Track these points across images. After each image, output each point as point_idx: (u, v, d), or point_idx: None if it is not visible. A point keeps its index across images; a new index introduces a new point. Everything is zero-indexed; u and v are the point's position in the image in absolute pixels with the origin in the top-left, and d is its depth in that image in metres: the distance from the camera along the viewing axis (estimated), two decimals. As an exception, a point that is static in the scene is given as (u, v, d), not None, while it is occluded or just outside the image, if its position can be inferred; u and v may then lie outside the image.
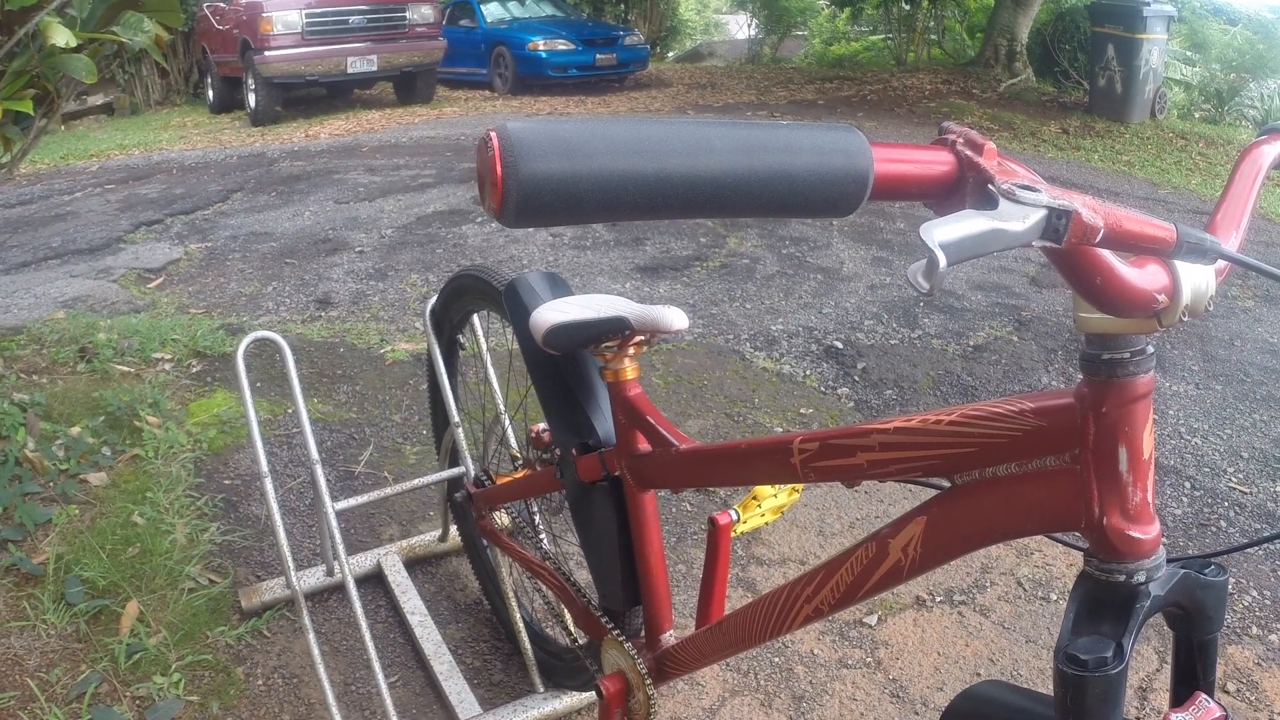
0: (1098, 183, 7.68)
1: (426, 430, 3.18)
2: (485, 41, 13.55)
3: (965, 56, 15.10)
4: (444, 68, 12.69)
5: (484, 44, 13.55)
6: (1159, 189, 7.71)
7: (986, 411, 0.94)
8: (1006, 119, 10.34)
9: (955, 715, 1.08)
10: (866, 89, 12.68)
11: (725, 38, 24.83)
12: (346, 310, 4.55)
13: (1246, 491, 3.20)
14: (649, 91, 13.21)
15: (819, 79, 13.90)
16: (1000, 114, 10.61)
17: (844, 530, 2.88)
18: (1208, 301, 0.84)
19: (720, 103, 11.85)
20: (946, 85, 12.56)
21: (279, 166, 8.00)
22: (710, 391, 3.75)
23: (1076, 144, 9.33)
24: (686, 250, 5.52)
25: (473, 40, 13.65)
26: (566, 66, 12.96)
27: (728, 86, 13.40)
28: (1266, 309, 4.96)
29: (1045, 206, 0.69)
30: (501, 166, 0.62)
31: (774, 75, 14.93)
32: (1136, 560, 0.86)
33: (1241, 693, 2.35)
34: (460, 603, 2.56)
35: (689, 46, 22.29)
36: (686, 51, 21.65)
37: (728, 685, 2.29)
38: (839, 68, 16.09)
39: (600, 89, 13.32)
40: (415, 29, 11.67)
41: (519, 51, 12.98)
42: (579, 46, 13.09)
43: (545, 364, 1.71)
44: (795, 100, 11.90)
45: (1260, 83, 12.06)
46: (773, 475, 1.25)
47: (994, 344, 4.31)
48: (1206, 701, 0.92)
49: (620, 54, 13.58)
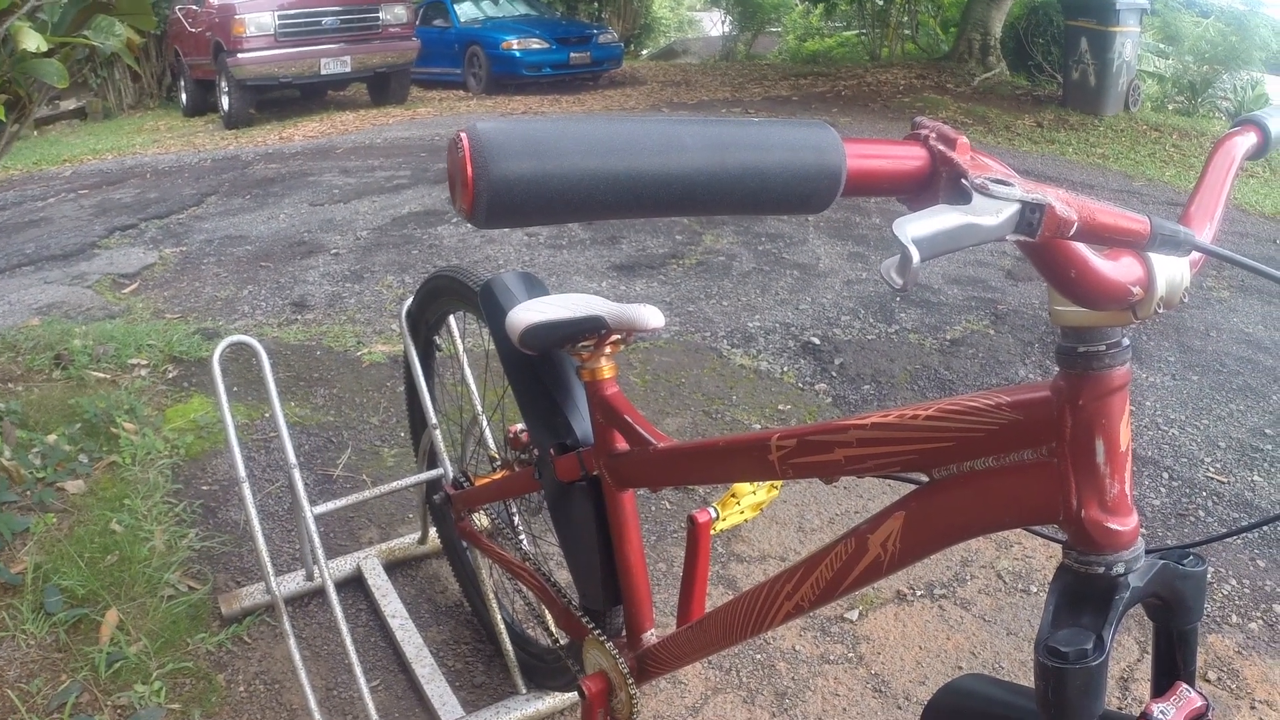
0: (1072, 176, 7.72)
1: (404, 432, 3.17)
2: (459, 41, 13.50)
3: (939, 51, 15.15)
4: (418, 68, 12.65)
5: (458, 44, 13.51)
6: (1133, 181, 7.75)
7: (963, 406, 0.94)
8: (981, 113, 10.38)
9: (937, 710, 1.08)
10: (841, 85, 12.71)
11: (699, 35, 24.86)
12: (323, 313, 4.53)
13: (1224, 481, 3.22)
14: (623, 90, 13.20)
15: (793, 75, 13.91)
16: (974, 108, 10.64)
17: (823, 526, 2.89)
18: (1183, 293, 0.84)
19: (694, 100, 11.85)
20: (920, 80, 12.59)
21: (253, 169, 7.96)
22: (688, 389, 3.75)
23: (1051, 137, 9.36)
24: (663, 248, 5.52)
25: (446, 40, 13.61)
26: (541, 65, 12.93)
27: (702, 84, 13.40)
28: (1241, 299, 4.99)
29: (1019, 200, 0.69)
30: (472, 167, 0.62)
31: (748, 72, 14.94)
32: (1115, 552, 0.86)
33: (1223, 681, 2.36)
34: (441, 605, 2.56)
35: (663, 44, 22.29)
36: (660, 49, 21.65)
37: (710, 683, 2.29)
38: (813, 64, 16.13)
39: (575, 88, 13.30)
40: (389, 29, 11.62)
41: (493, 51, 12.95)
42: (553, 45, 13.06)
43: (522, 364, 1.71)
44: (769, 97, 11.92)
45: (1233, 74, 12.13)
46: (751, 473, 1.25)
47: (970, 338, 4.32)
48: (1188, 691, 0.92)
49: (594, 52, 13.56)
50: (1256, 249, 6.07)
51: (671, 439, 1.42)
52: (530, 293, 1.75)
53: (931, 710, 1.08)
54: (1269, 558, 2.83)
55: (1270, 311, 4.83)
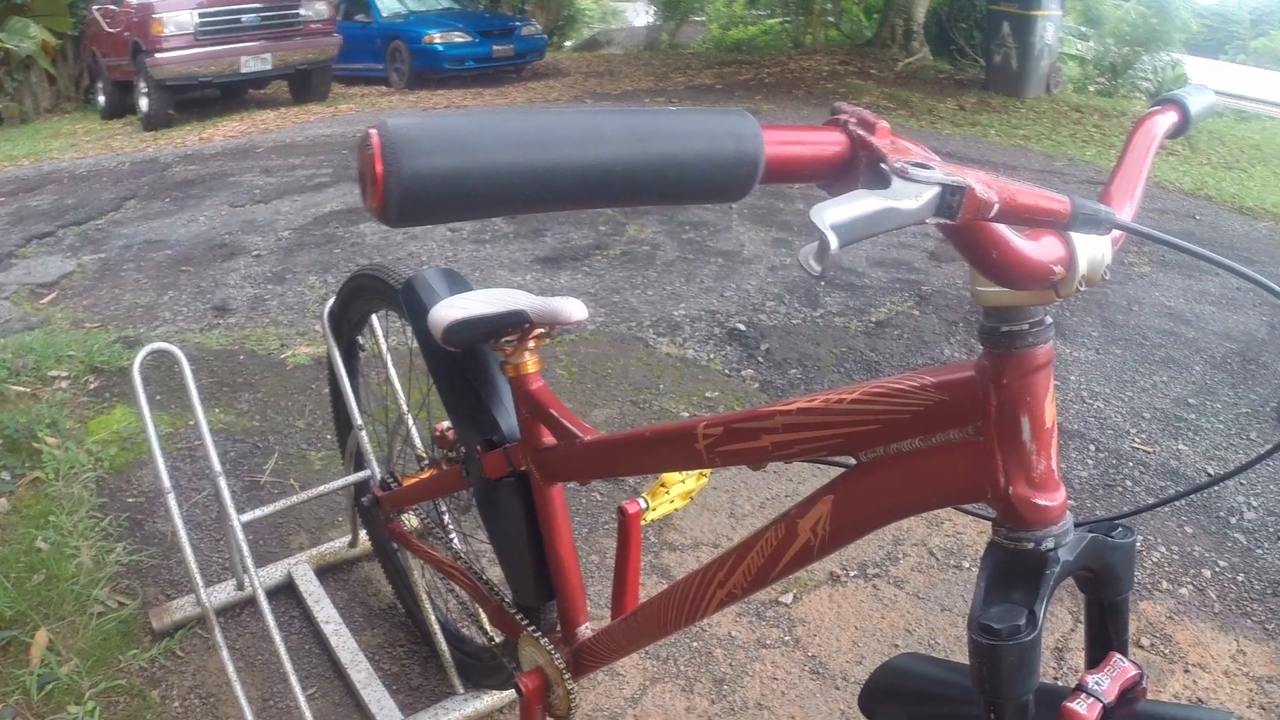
0: (994, 157, 7.81)
1: (331, 435, 3.12)
2: (381, 36, 13.37)
3: (862, 37, 15.26)
4: (340, 64, 12.47)
5: (380, 39, 13.37)
6: (1055, 161, 7.86)
7: (888, 388, 0.94)
8: (904, 98, 10.47)
9: (875, 690, 1.08)
10: (764, 72, 12.76)
11: (623, 25, 24.90)
12: (245, 316, 4.45)
13: (1150, 451, 3.27)
14: (547, 81, 13.15)
15: (717, 64, 13.95)
16: (898, 93, 10.73)
17: (754, 511, 2.89)
18: (1104, 271, 0.84)
19: (618, 90, 11.84)
20: (844, 66, 12.68)
21: (173, 171, 7.82)
22: (615, 380, 3.74)
23: (973, 120, 9.47)
24: (586, 239, 5.50)
25: (368, 35, 13.46)
26: (463, 59, 12.85)
27: (626, 74, 13.39)
28: (1163, 274, 5.07)
29: (938, 183, 0.68)
30: (382, 164, 0.60)
31: (672, 61, 14.96)
32: (1044, 528, 0.86)
33: (1156, 646, 2.40)
34: (374, 608, 2.52)
35: (586, 35, 22.27)
36: (584, 40, 21.63)
37: (648, 673, 2.28)
38: (737, 52, 16.19)
39: (498, 80, 13.23)
40: (309, 26, 11.45)
41: (415, 45, 12.84)
42: (475, 38, 12.97)
43: (446, 362, 1.69)
44: (693, 85, 11.93)
45: (1153, 55, 12.39)
46: (679, 462, 1.24)
47: (896, 319, 4.35)
48: (1121, 661, 0.93)
49: (517, 45, 13.50)
50: (1176, 224, 6.18)
51: (598, 431, 1.41)
52: (452, 289, 1.72)
53: (869, 691, 1.08)
54: (1196, 524, 2.88)
55: (1190, 285, 4.92)
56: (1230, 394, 3.74)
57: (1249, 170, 8.26)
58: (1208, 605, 2.56)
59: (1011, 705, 0.87)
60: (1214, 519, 2.91)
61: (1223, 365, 3.99)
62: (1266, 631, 2.48)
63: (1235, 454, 3.29)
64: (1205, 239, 5.92)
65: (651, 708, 2.19)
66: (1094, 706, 0.87)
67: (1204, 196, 7.03)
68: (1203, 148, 8.79)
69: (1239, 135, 9.69)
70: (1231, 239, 5.98)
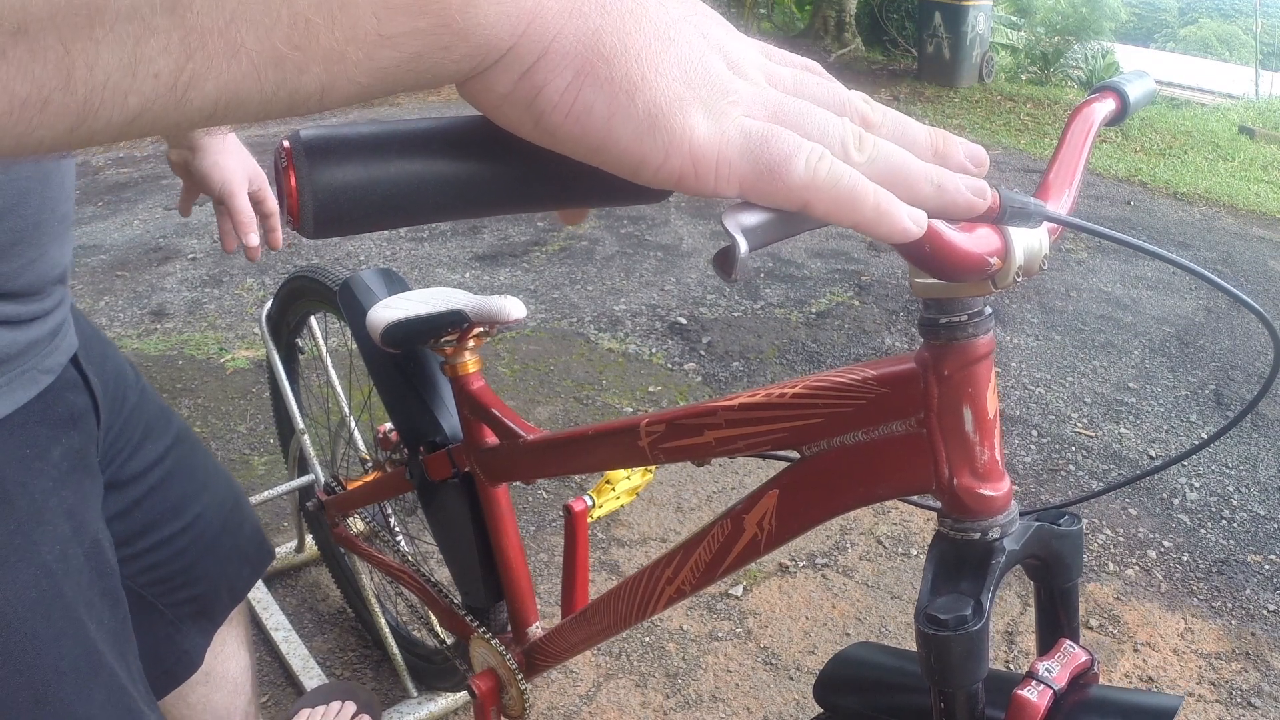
0: (930, 146, 7.85)
1: (274, 439, 3.09)
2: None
3: (795, 29, 15.30)
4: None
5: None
6: (989, 150, 7.86)
7: (830, 382, 0.93)
8: (838, 88, 10.50)
9: (829, 681, 1.07)
10: (700, 65, 12.74)
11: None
12: (183, 320, 4.39)
13: (1092, 435, 3.31)
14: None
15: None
16: (832, 84, 10.76)
17: (701, 505, 2.89)
18: (1042, 260, 0.83)
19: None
20: (778, 58, 12.69)
21: (104, 175, 7.68)
22: (557, 376, 3.73)
23: (906, 110, 9.44)
24: (525, 236, 5.47)
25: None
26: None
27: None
28: (1100, 260, 5.14)
29: None
30: (295, 177, 0.58)
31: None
32: (989, 517, 0.86)
33: (1105, 627, 2.43)
34: (324, 613, 2.50)
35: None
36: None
37: (601, 670, 2.28)
38: (671, 44, 16.13)
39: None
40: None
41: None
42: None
43: (385, 363, 1.67)
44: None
45: (1084, 44, 12.53)
46: (622, 459, 1.23)
47: (836, 310, 4.38)
48: (1071, 647, 0.93)
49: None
50: (1111, 211, 6.27)
51: (541, 430, 1.40)
52: (390, 289, 1.70)
53: (823, 681, 1.07)
54: (1140, 506, 2.92)
55: (1128, 270, 4.99)
56: (1169, 377, 3.79)
57: (1181, 156, 8.39)
58: (1154, 585, 2.60)
59: (961, 694, 0.87)
60: (1157, 501, 2.96)
61: (1161, 349, 4.05)
62: (1213, 609, 2.52)
63: (1176, 436, 3.34)
64: (1140, 225, 6.01)
65: (606, 704, 2.18)
66: (1045, 693, 0.87)
67: (1138, 183, 7.13)
68: (1136, 135, 8.92)
69: (1171, 122, 9.83)
70: (1166, 224, 6.07)
